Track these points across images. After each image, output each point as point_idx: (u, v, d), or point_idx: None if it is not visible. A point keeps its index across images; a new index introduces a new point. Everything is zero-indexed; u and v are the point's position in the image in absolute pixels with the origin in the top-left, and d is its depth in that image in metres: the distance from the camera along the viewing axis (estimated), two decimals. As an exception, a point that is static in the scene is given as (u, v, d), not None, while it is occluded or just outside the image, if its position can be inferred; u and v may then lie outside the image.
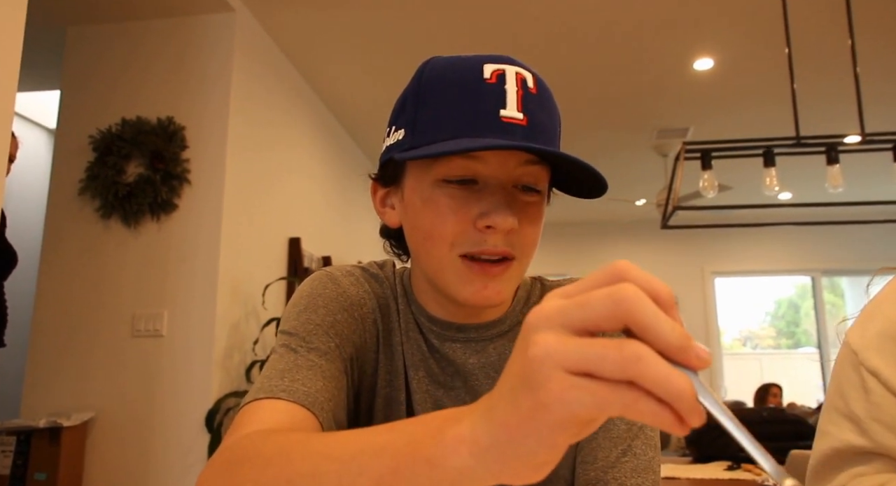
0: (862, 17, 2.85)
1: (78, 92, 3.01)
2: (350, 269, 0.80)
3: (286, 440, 0.49)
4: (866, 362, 0.73)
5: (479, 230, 0.65)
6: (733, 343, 8.13)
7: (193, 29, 2.99)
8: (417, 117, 0.67)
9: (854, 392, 0.73)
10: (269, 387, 0.64)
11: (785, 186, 2.87)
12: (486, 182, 0.66)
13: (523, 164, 0.66)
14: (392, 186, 0.74)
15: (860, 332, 0.76)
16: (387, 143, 0.72)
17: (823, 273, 7.07)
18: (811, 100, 3.54)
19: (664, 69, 3.75)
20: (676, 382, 0.29)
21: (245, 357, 2.96)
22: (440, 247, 0.66)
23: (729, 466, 2.44)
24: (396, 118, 0.71)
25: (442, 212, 0.66)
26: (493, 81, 0.65)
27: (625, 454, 0.69)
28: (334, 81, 3.86)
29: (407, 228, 0.72)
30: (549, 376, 0.31)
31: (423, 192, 0.67)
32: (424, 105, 0.67)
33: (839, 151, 2.62)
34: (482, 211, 0.65)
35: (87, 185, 2.84)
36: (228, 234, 2.84)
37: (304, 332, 0.70)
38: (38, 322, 2.81)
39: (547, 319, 0.33)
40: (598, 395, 0.30)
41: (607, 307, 0.31)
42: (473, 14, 3.16)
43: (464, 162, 0.65)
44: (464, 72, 0.66)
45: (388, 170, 0.73)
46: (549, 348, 0.31)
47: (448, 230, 0.65)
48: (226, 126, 2.88)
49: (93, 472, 2.64)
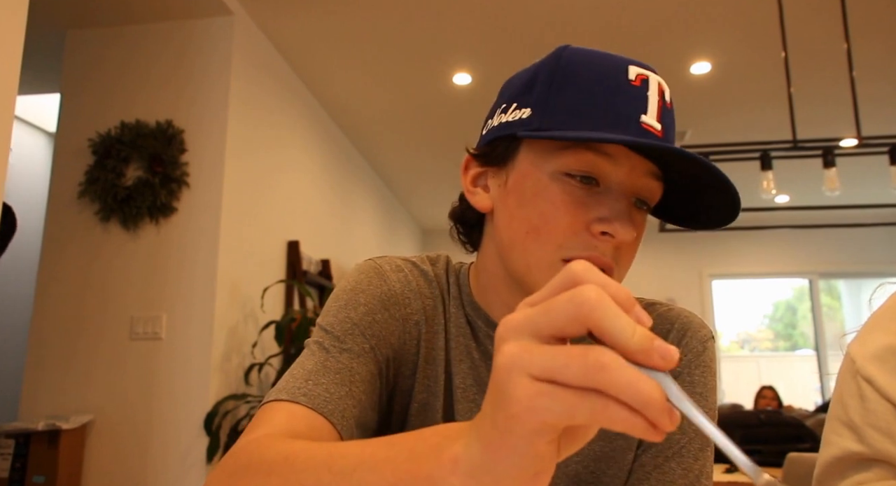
0: (858, 22, 2.87)
1: (77, 95, 3.01)
2: (400, 263, 0.75)
3: (290, 449, 0.48)
4: (863, 370, 0.74)
5: (592, 235, 0.61)
6: (731, 346, 8.14)
7: (192, 32, 3.00)
8: (551, 100, 0.63)
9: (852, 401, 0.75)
10: (291, 388, 0.62)
11: (782, 189, 2.89)
12: (609, 187, 0.62)
13: (647, 175, 0.62)
14: (494, 167, 0.68)
15: (861, 343, 0.77)
16: (500, 119, 0.67)
17: (820, 276, 7.09)
18: (808, 103, 3.56)
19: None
20: (643, 389, 0.29)
21: (243, 360, 2.96)
22: (545, 244, 0.62)
23: (728, 468, 2.45)
24: (520, 96, 0.66)
25: (557, 207, 0.61)
26: (638, 84, 0.62)
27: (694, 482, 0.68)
28: (333, 85, 3.87)
29: (503, 217, 0.67)
30: (515, 385, 0.31)
31: (538, 180, 0.63)
32: (561, 89, 0.62)
33: (835, 154, 2.63)
34: (602, 216, 0.60)
35: (86, 188, 2.84)
36: (227, 237, 2.85)
37: (339, 330, 0.68)
38: (36, 325, 2.81)
39: (514, 329, 0.32)
40: (566, 402, 0.30)
41: (569, 312, 0.31)
42: (468, 19, 3.17)
43: (594, 158, 0.61)
44: (609, 67, 0.63)
45: (496, 148, 0.68)
46: (514, 356, 0.31)
47: (560, 228, 0.61)
48: (224, 129, 2.89)
49: (91, 475, 2.64)
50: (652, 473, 0.67)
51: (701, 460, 0.68)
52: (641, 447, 0.69)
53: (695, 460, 0.67)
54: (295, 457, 0.46)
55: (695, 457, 0.68)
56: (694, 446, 0.68)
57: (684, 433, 0.68)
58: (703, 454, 0.68)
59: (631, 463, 0.70)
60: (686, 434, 0.68)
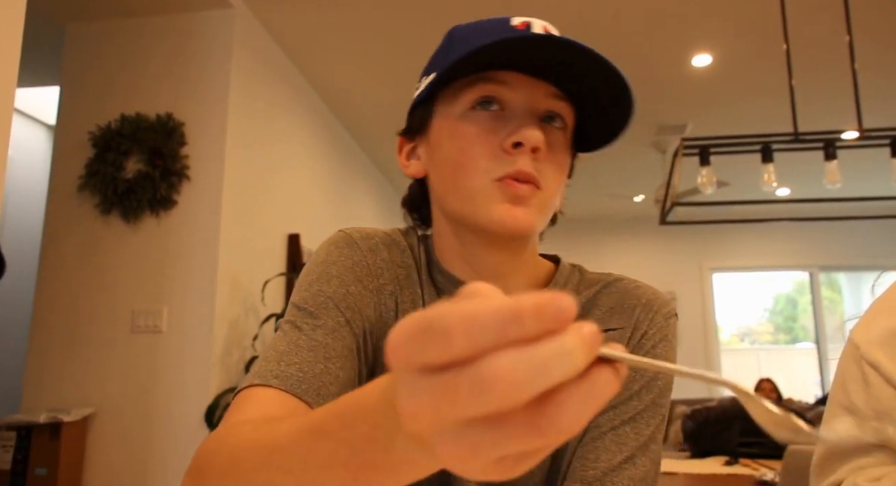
0: (860, 14, 2.86)
1: (77, 88, 3.01)
2: (370, 232, 0.77)
3: (235, 444, 0.47)
4: (867, 355, 0.74)
5: (506, 151, 0.65)
6: (731, 339, 8.14)
7: (192, 25, 2.99)
8: (446, 59, 0.69)
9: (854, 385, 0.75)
10: (263, 372, 0.62)
11: (783, 181, 2.88)
12: (514, 110, 0.66)
13: (550, 96, 0.67)
14: (419, 136, 0.74)
15: (864, 329, 0.77)
16: (415, 96, 0.74)
17: (821, 269, 7.09)
18: (809, 95, 3.55)
19: (663, 65, 3.75)
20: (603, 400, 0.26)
21: (244, 353, 2.97)
22: (472, 174, 0.66)
23: (727, 461, 2.45)
24: (426, 71, 0.73)
25: (470, 138, 0.66)
26: (522, 27, 0.68)
27: (627, 461, 0.69)
28: (333, 78, 3.86)
29: (434, 171, 0.72)
30: (481, 470, 0.27)
31: (451, 125, 0.68)
32: (453, 49, 0.69)
33: (837, 146, 2.62)
34: (510, 130, 0.65)
35: (86, 181, 2.84)
36: (227, 230, 2.85)
37: (313, 306, 0.68)
38: (38, 318, 2.82)
39: (430, 423, 0.27)
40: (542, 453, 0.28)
41: (488, 407, 0.25)
42: (471, 12, 3.16)
43: (490, 87, 0.66)
44: (493, 22, 0.69)
45: (414, 118, 0.74)
46: (462, 457, 0.27)
47: (478, 155, 0.65)
48: (225, 122, 2.89)
49: (93, 467, 2.65)
50: (607, 434, 0.70)
51: (652, 427, 0.72)
52: None
53: (646, 425, 0.71)
54: (241, 458, 0.45)
55: (647, 423, 0.71)
56: (648, 413, 0.72)
57: (640, 400, 0.71)
58: (654, 421, 0.72)
59: None
60: (642, 401, 0.72)
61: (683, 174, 3.02)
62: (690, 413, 2.80)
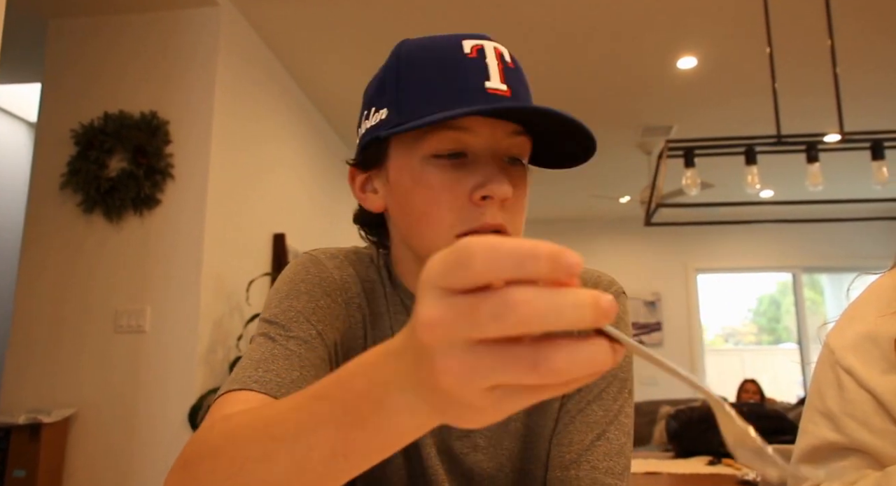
0: (841, 17, 2.89)
1: (59, 85, 2.97)
2: (334, 251, 0.79)
3: (230, 426, 0.48)
4: (842, 360, 0.75)
5: (475, 204, 0.64)
6: (715, 339, 8.21)
7: (177, 23, 2.96)
8: (401, 95, 0.67)
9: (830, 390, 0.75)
10: (242, 378, 0.63)
11: (766, 183, 2.90)
12: (477, 155, 0.65)
13: (511, 134, 0.66)
14: (374, 170, 0.73)
15: (839, 333, 0.78)
16: (366, 125, 0.71)
17: (804, 270, 7.16)
18: (793, 97, 3.58)
19: (648, 67, 3.77)
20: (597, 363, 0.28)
21: (229, 353, 2.95)
22: (436, 227, 0.65)
23: (710, 461, 2.47)
24: (375, 99, 0.70)
25: (435, 188, 0.65)
26: (474, 55, 0.65)
27: (599, 438, 0.71)
28: (320, 77, 3.84)
29: (395, 211, 0.71)
30: (473, 397, 0.30)
31: (412, 170, 0.66)
32: (407, 83, 0.67)
33: (819, 149, 2.65)
34: (477, 182, 0.64)
35: (68, 179, 2.81)
36: (212, 229, 2.83)
37: (284, 319, 0.69)
38: (18, 317, 2.78)
39: (440, 339, 0.30)
40: (528, 397, 0.30)
41: (502, 330, 0.28)
42: (459, 10, 3.16)
43: (454, 135, 0.64)
44: (443, 48, 0.67)
45: (369, 152, 0.72)
46: (461, 375, 0.29)
47: (445, 208, 0.64)
48: (210, 121, 2.86)
49: (74, 469, 2.62)
50: (576, 417, 0.73)
51: (619, 401, 0.74)
52: (566, 396, 0.75)
53: (613, 401, 0.74)
54: (236, 433, 0.46)
55: (613, 398, 0.74)
56: (612, 389, 0.74)
57: (603, 378, 0.74)
58: (622, 395, 0.74)
59: (557, 412, 0.75)
60: (605, 379, 0.74)
61: (668, 176, 3.04)
62: (674, 414, 2.82)
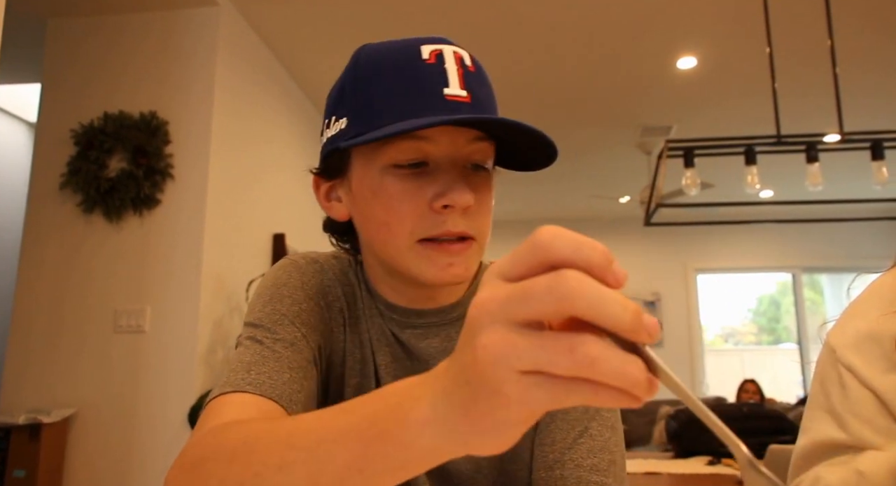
0: (841, 18, 2.89)
1: (59, 85, 2.97)
2: (315, 256, 0.79)
3: (249, 431, 0.47)
4: (843, 358, 0.75)
5: (436, 212, 0.63)
6: (715, 340, 8.21)
7: (177, 23, 2.96)
8: (358, 104, 0.66)
9: (833, 389, 0.75)
10: (235, 381, 0.63)
11: (766, 183, 2.90)
12: (438, 163, 0.64)
13: (472, 141, 0.65)
14: (337, 179, 0.72)
15: (840, 332, 0.78)
16: (327, 135, 0.71)
17: (804, 270, 7.16)
18: (792, 97, 3.58)
19: (648, 67, 3.77)
20: (631, 373, 0.29)
21: (228, 353, 2.95)
22: (398, 235, 0.65)
23: (710, 461, 2.47)
24: (335, 108, 0.70)
25: (395, 199, 0.64)
26: (433, 61, 0.64)
27: (581, 435, 0.70)
28: (319, 77, 3.84)
29: (359, 220, 0.70)
30: (504, 380, 0.31)
31: (372, 180, 0.66)
32: (364, 91, 0.66)
33: (818, 149, 2.65)
34: (437, 191, 0.63)
35: (68, 179, 2.81)
36: (212, 229, 2.83)
37: (269, 322, 0.69)
38: (18, 318, 2.78)
39: (490, 314, 0.31)
40: (556, 392, 0.30)
41: (550, 303, 0.30)
42: (458, 10, 3.16)
43: (413, 144, 0.63)
44: (401, 54, 0.65)
45: (331, 162, 0.71)
46: (499, 351, 0.30)
47: (405, 217, 0.64)
48: (210, 121, 2.86)
49: (74, 469, 2.62)
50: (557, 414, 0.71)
51: None
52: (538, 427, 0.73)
53: None
54: (255, 439, 0.46)
55: None
56: None
57: None
58: None
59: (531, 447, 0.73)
60: None
61: (668, 176, 3.04)
62: (674, 414, 2.82)
